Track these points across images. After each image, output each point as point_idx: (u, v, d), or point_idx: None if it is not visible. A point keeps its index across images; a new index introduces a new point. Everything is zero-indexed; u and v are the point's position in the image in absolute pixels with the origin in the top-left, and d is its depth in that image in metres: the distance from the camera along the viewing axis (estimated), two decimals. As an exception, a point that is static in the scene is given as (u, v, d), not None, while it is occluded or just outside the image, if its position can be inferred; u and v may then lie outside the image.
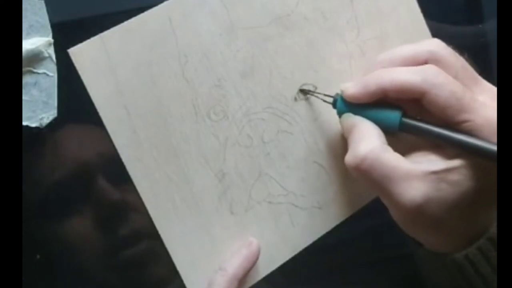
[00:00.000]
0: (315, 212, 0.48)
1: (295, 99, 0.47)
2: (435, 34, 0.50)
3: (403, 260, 0.55)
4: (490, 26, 0.56)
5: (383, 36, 0.49)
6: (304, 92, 0.47)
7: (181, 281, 0.45)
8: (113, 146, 0.43)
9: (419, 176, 0.40)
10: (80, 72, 0.42)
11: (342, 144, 0.49)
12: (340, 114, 0.45)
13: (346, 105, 0.44)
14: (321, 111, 0.48)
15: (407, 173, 0.40)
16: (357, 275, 0.56)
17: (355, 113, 0.44)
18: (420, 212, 0.40)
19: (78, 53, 0.42)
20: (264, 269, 0.47)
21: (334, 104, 0.45)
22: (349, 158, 0.42)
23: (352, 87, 0.43)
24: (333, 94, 0.45)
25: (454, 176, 0.40)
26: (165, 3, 0.44)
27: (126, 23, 0.43)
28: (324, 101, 0.46)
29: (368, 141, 0.41)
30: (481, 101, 0.42)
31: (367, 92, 0.43)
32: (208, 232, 0.46)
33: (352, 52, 0.49)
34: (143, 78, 0.44)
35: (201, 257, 0.45)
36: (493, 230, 0.41)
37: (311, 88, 0.48)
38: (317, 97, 0.47)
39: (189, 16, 0.44)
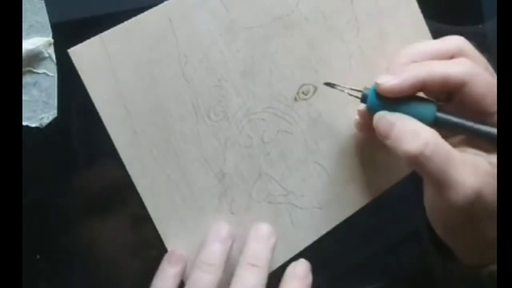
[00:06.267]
0: (315, 212, 0.48)
1: (295, 99, 0.47)
2: (435, 34, 0.50)
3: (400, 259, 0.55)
4: (490, 26, 0.56)
5: (383, 36, 0.49)
6: (329, 85, 0.46)
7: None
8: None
9: (474, 166, 0.40)
10: (80, 72, 0.42)
11: (342, 144, 0.49)
12: (371, 108, 0.44)
13: (378, 99, 0.43)
14: (321, 111, 0.48)
15: (465, 161, 0.40)
16: (356, 274, 0.56)
17: (388, 108, 0.43)
18: (474, 202, 0.40)
19: (78, 53, 0.42)
20: (264, 269, 0.47)
21: (363, 99, 0.44)
22: (410, 146, 0.40)
23: (390, 80, 0.42)
24: (335, 93, 0.45)
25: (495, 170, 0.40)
26: (165, 3, 0.44)
27: (126, 23, 0.43)
28: (350, 95, 0.45)
29: (425, 129, 0.41)
30: None
31: (405, 85, 0.42)
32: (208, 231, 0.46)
33: (352, 52, 0.49)
34: (143, 78, 0.44)
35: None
36: None
37: (311, 89, 0.48)
38: (342, 90, 0.46)
39: (189, 16, 0.44)
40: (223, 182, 0.46)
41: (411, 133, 0.41)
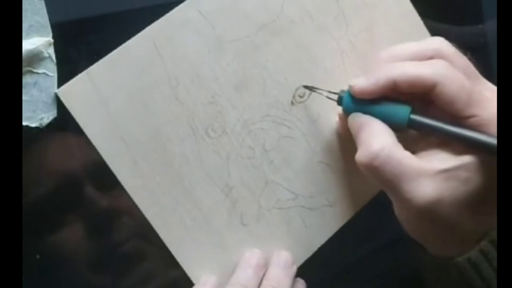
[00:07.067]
0: (326, 210, 0.48)
1: (292, 103, 0.47)
2: (435, 34, 0.48)
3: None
4: (490, 26, 0.55)
5: (372, 27, 0.48)
6: (308, 88, 0.46)
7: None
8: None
9: (431, 174, 0.39)
10: (72, 111, 0.42)
11: (343, 139, 0.48)
12: (346, 111, 0.44)
13: (353, 102, 0.43)
14: (319, 112, 0.47)
15: (419, 172, 0.39)
16: (354, 274, 0.56)
17: (363, 111, 0.43)
18: (430, 211, 0.40)
19: (67, 92, 0.42)
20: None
21: (339, 101, 0.44)
22: (361, 155, 0.41)
23: (362, 81, 0.42)
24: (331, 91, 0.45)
25: (464, 173, 0.40)
26: (147, 28, 0.43)
27: (111, 54, 0.42)
28: (328, 97, 0.45)
29: (380, 138, 0.41)
30: (488, 96, 0.41)
31: (376, 86, 0.42)
32: (223, 247, 0.46)
33: (344, 48, 0.48)
34: (136, 107, 0.43)
35: (219, 272, 0.46)
36: (495, 232, 0.41)
37: (307, 91, 0.47)
38: (320, 93, 0.46)
39: (174, 38, 0.43)
40: (230, 196, 0.46)
41: (365, 142, 0.41)
